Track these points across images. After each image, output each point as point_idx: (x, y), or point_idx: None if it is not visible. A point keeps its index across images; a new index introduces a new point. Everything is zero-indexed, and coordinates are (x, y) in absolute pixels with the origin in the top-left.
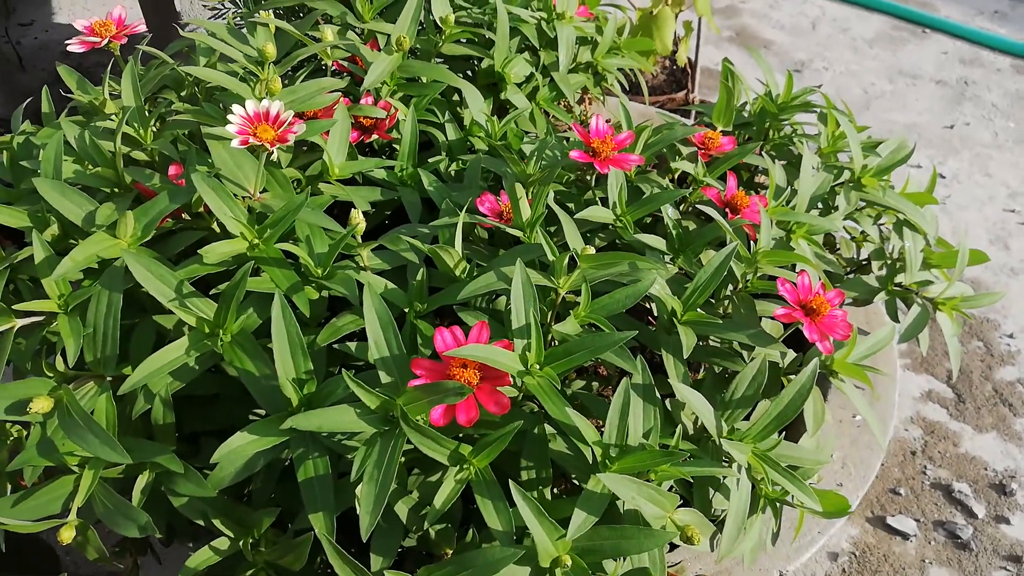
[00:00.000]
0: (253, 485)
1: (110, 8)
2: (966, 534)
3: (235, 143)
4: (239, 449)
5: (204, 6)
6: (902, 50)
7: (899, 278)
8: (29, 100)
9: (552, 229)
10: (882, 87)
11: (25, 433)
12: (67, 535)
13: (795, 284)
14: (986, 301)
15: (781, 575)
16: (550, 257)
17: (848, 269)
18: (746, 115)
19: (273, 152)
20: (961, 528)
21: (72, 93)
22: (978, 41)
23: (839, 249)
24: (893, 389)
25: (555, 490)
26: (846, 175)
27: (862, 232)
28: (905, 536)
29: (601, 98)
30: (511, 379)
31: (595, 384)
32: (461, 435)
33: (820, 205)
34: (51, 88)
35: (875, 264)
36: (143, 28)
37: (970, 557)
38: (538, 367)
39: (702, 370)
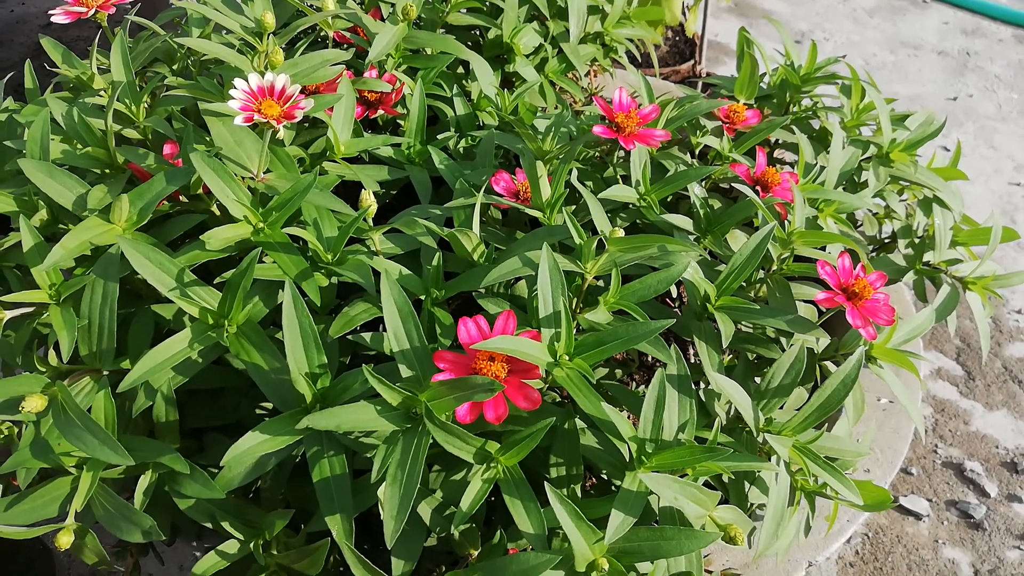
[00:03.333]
0: (262, 483)
1: None
2: (979, 513)
3: (238, 120)
4: (250, 450)
5: None
6: (903, 20)
7: (927, 256)
8: (10, 75)
9: (570, 209)
10: (884, 58)
11: (17, 430)
12: (65, 540)
13: (835, 266)
14: (1017, 280)
15: (810, 565)
16: (577, 240)
17: (871, 247)
18: (765, 87)
19: (279, 130)
20: (974, 507)
21: (57, 67)
22: (979, 11)
23: (861, 226)
24: (918, 372)
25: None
26: (872, 149)
27: (886, 208)
28: (918, 516)
29: (609, 70)
30: (540, 372)
31: (618, 371)
32: (486, 430)
33: (845, 182)
34: (32, 63)
35: (901, 242)
36: None
37: (983, 537)
38: (567, 358)
39: (728, 355)
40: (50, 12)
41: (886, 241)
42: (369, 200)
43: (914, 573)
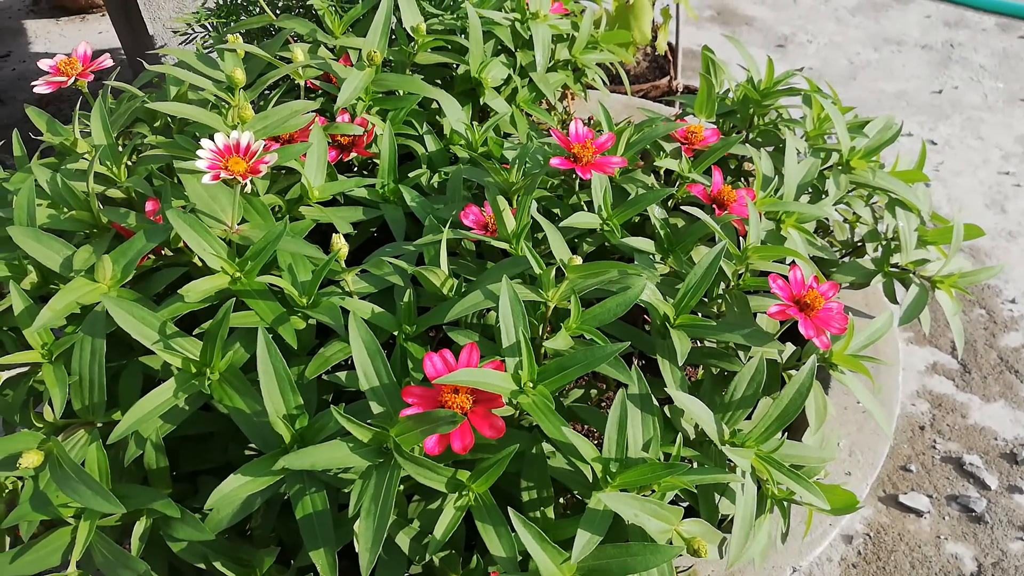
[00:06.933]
0: (253, 522)
1: (86, 34)
2: (980, 507)
3: (206, 179)
4: (234, 492)
5: (174, 32)
6: (885, 17)
7: (895, 258)
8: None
9: (540, 236)
10: (868, 56)
11: (20, 484)
12: None
13: (787, 279)
14: (984, 276)
15: (794, 571)
16: (536, 270)
17: (843, 252)
18: (729, 103)
19: (246, 185)
20: (975, 501)
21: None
22: (961, 2)
23: (833, 232)
24: (896, 372)
25: (561, 500)
26: (834, 157)
27: (855, 213)
28: (919, 513)
29: (583, 93)
30: (503, 401)
31: (593, 392)
32: (460, 459)
33: (810, 190)
34: (28, 123)
35: (869, 246)
36: (110, 63)
37: (985, 530)
38: (531, 385)
39: (700, 369)
40: (34, 83)
41: (859, 245)
42: (340, 244)
43: (917, 571)
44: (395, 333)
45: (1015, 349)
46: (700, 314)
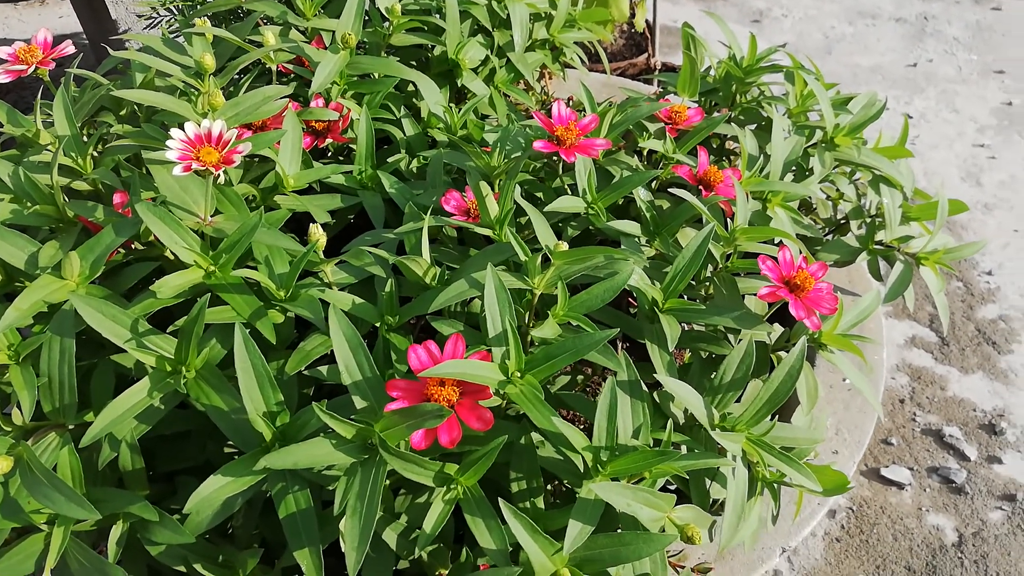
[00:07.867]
0: (235, 521)
1: (46, 20)
2: (960, 478)
3: (177, 170)
4: (214, 493)
5: (138, 16)
6: None
7: (879, 235)
8: None
9: (523, 220)
10: (842, 30)
11: None
12: None
13: (777, 260)
14: (968, 251)
15: (783, 551)
16: (522, 257)
17: (826, 229)
18: (711, 81)
19: (219, 175)
20: (955, 472)
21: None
22: None
23: (816, 209)
24: (881, 349)
25: (549, 487)
26: (818, 135)
27: (838, 191)
28: (900, 486)
29: (561, 72)
30: (491, 392)
31: (580, 378)
32: (448, 452)
33: (794, 168)
34: None
35: (853, 223)
36: (72, 49)
37: (966, 500)
38: (519, 375)
39: (687, 351)
40: None
41: (842, 222)
42: (317, 234)
43: (900, 542)
44: (377, 324)
45: (992, 321)
46: (688, 297)
